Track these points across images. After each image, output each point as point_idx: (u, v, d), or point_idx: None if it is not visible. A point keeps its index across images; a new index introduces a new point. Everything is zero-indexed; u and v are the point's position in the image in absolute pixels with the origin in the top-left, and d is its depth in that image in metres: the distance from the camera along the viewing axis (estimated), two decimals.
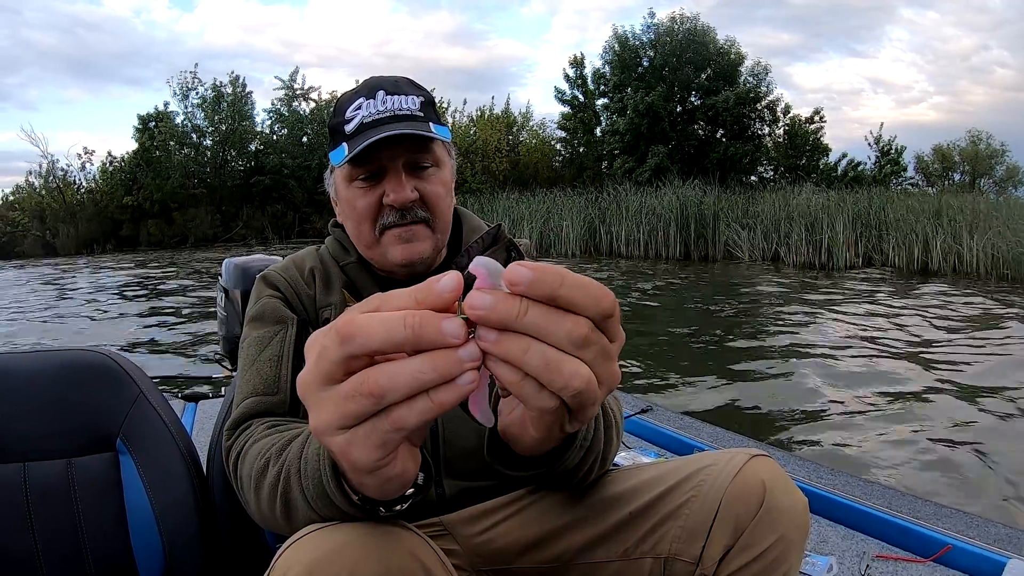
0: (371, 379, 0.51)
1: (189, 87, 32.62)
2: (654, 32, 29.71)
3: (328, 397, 0.54)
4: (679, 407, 4.75)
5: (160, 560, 1.37)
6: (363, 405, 0.52)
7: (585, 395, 0.54)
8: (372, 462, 0.57)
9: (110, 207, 31.76)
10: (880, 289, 11.94)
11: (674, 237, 18.59)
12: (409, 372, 0.50)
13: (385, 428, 0.54)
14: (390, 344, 0.50)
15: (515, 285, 0.52)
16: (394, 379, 0.51)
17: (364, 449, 0.56)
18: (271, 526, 0.95)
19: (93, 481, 1.35)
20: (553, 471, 0.88)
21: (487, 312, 0.51)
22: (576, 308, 0.53)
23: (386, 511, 0.78)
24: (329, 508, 0.80)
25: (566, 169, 32.11)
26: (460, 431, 1.20)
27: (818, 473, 2.44)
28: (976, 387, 5.52)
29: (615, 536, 1.09)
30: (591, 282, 0.54)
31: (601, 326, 0.55)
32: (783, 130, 29.66)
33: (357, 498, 0.75)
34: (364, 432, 0.54)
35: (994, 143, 32.12)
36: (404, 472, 0.62)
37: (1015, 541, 1.95)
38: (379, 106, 1.23)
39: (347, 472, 0.65)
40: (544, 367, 0.52)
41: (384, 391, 0.51)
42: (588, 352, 0.54)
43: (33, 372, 1.38)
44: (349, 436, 0.55)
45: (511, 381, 0.54)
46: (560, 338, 0.52)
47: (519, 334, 0.52)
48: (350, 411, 0.53)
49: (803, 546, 1.07)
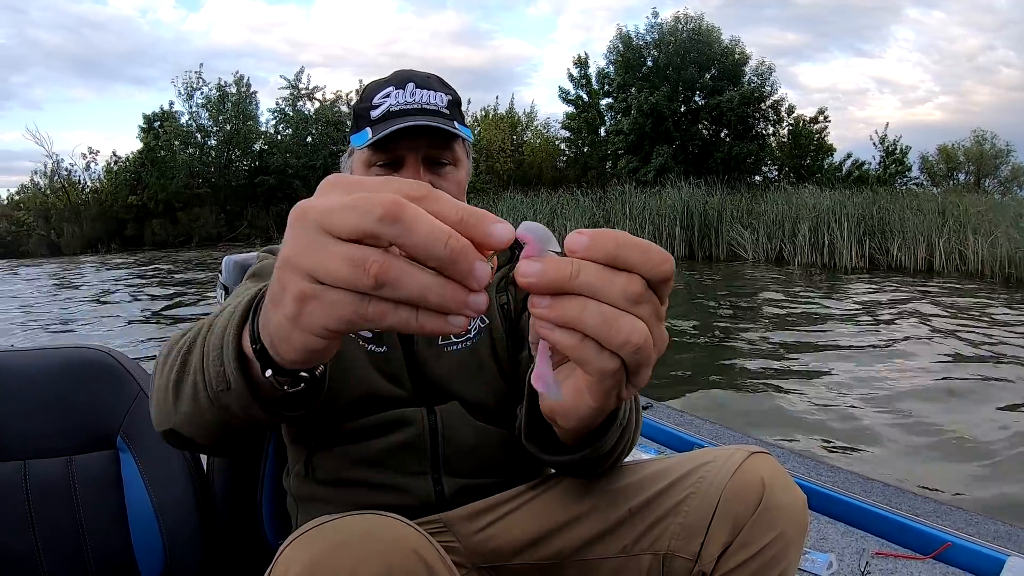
0: (385, 265, 0.47)
1: (194, 87, 32.73)
2: (658, 32, 29.68)
3: (328, 242, 0.49)
4: (679, 404, 4.75)
5: (160, 558, 1.38)
6: (358, 279, 0.48)
7: (643, 353, 0.54)
8: (320, 328, 0.52)
9: (115, 207, 31.84)
10: (883, 289, 11.91)
11: (678, 237, 18.55)
12: (421, 283, 0.48)
13: (358, 311, 0.49)
14: (422, 252, 0.47)
15: (573, 252, 0.52)
16: (404, 280, 0.48)
17: (323, 312, 0.51)
18: (157, 403, 0.86)
19: (93, 479, 1.36)
20: (592, 454, 0.88)
21: (537, 279, 0.51)
22: (634, 268, 0.53)
23: (274, 382, 0.68)
24: (216, 365, 0.72)
25: (570, 169, 32.09)
26: (459, 429, 1.20)
27: (818, 470, 2.44)
28: (977, 388, 5.51)
29: (614, 533, 1.09)
30: (651, 244, 0.54)
31: (655, 289, 0.54)
32: (787, 130, 29.59)
33: (256, 347, 0.66)
34: (336, 299, 0.49)
35: (999, 143, 32.08)
36: (325, 354, 0.58)
37: (1014, 538, 1.95)
38: (407, 97, 1.24)
39: (278, 317, 0.56)
40: (603, 325, 0.52)
41: (388, 284, 0.47)
42: (643, 309, 0.53)
43: (33, 370, 1.39)
44: (317, 290, 0.50)
45: (570, 345, 0.53)
46: (615, 295, 0.52)
47: (573, 296, 0.52)
48: (340, 273, 0.48)
49: (802, 543, 1.07)
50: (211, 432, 0.82)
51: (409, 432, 1.18)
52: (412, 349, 1.23)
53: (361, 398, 1.18)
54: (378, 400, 1.19)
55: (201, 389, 0.76)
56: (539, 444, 0.92)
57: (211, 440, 0.85)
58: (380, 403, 1.19)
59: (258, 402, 0.72)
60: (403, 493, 1.17)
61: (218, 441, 0.86)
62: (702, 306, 10.68)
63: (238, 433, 0.84)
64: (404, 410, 1.19)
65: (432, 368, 1.23)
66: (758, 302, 10.79)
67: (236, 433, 0.83)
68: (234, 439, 0.86)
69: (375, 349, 1.21)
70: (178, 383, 0.80)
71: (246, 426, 0.81)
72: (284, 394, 0.70)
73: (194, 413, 0.79)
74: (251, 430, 0.85)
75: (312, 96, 34.43)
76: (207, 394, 0.75)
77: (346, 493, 1.18)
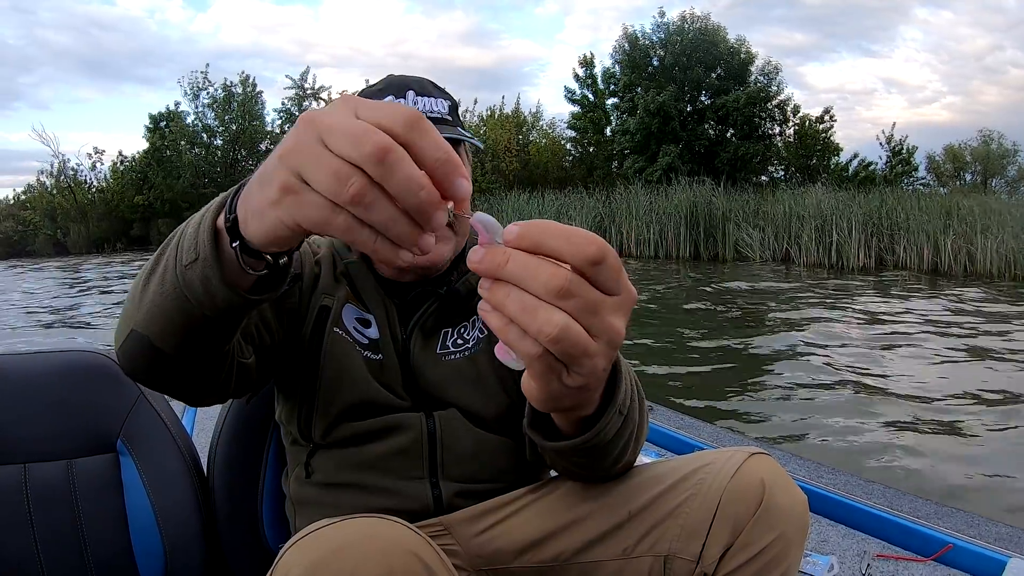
0: (363, 189, 0.53)
1: (200, 87, 32.82)
2: (664, 31, 29.70)
3: (322, 152, 0.54)
4: (679, 407, 4.75)
5: (161, 561, 1.37)
6: (337, 191, 0.53)
7: (563, 344, 0.57)
8: (291, 220, 0.58)
9: (121, 206, 31.98)
10: (889, 290, 11.89)
11: (684, 237, 18.54)
12: (388, 215, 0.54)
13: (328, 218, 0.55)
14: (396, 193, 0.53)
15: (507, 241, 0.57)
16: (375, 208, 0.53)
17: (298, 207, 0.56)
18: (124, 309, 0.88)
19: (93, 482, 1.35)
20: (592, 439, 0.88)
21: (478, 264, 0.57)
22: (559, 255, 0.56)
23: (240, 258, 0.72)
24: (191, 239, 0.76)
25: (576, 169, 32.10)
26: (457, 435, 1.20)
27: (819, 472, 2.44)
28: (979, 387, 5.50)
29: (615, 535, 1.09)
30: (575, 231, 0.57)
31: (589, 275, 0.57)
32: (793, 130, 29.56)
33: (230, 217, 0.71)
34: (313, 200, 0.55)
35: (1006, 143, 31.98)
36: (286, 244, 0.65)
37: (1016, 540, 1.95)
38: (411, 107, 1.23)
39: (260, 196, 0.61)
40: (521, 312, 0.56)
41: (361, 205, 0.53)
42: (568, 302, 0.56)
43: (33, 373, 1.38)
44: (300, 187, 0.56)
45: (496, 326, 0.58)
46: (537, 286, 0.56)
47: (504, 283, 0.57)
48: (324, 182, 0.54)
49: (803, 544, 1.07)
50: (170, 325, 0.82)
51: (407, 437, 1.18)
52: (408, 358, 1.22)
53: (358, 404, 1.18)
54: (375, 406, 1.18)
55: (170, 268, 0.79)
56: (542, 431, 0.93)
57: (169, 338, 0.84)
58: (377, 409, 1.19)
59: (220, 274, 0.75)
60: (401, 497, 1.16)
61: (178, 343, 0.84)
62: (705, 307, 10.66)
63: (197, 332, 0.83)
64: (402, 415, 1.19)
65: (428, 376, 1.22)
66: (763, 303, 10.78)
67: (195, 331, 0.82)
68: (192, 342, 0.84)
69: (372, 356, 1.21)
70: (150, 274, 0.83)
71: (204, 322, 0.80)
72: (245, 275, 0.75)
73: (157, 300, 0.81)
74: (209, 331, 0.83)
75: (318, 96, 34.49)
76: (175, 272, 0.78)
77: (344, 496, 1.17)
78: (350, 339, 1.21)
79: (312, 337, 1.20)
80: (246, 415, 1.46)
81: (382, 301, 1.24)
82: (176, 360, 0.87)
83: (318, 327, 1.20)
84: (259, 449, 1.46)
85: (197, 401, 1.03)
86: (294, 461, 1.26)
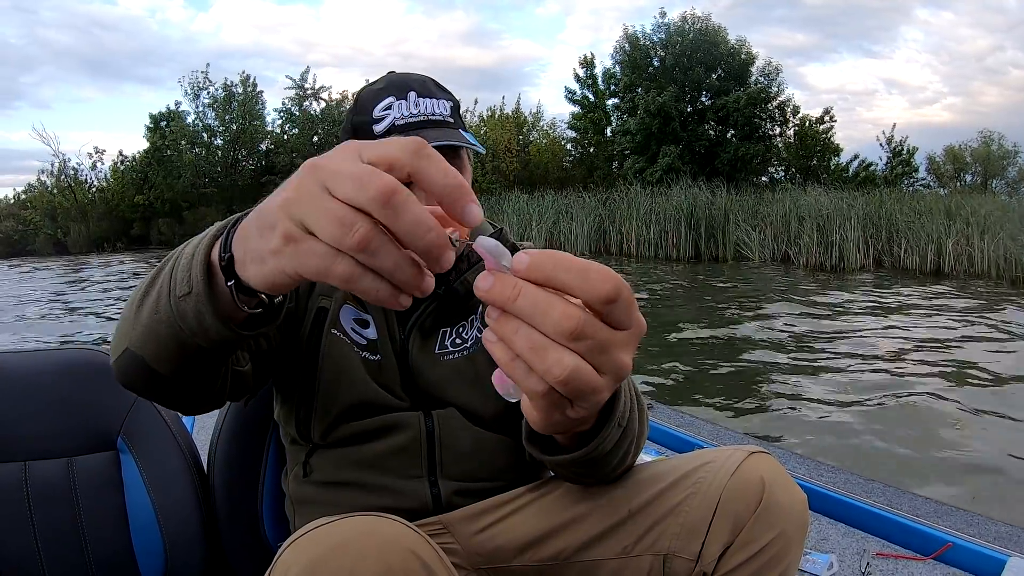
0: (369, 234, 0.51)
1: (200, 87, 32.80)
2: (665, 32, 29.69)
3: (326, 199, 0.53)
4: (679, 405, 4.75)
5: (161, 559, 1.38)
6: (341, 238, 0.52)
7: (571, 386, 0.55)
8: (291, 269, 0.56)
9: (121, 206, 31.99)
10: (889, 290, 11.88)
11: (684, 237, 18.52)
12: (395, 260, 0.53)
13: (330, 266, 0.53)
14: (403, 237, 0.52)
15: (516, 271, 0.54)
16: (382, 253, 0.52)
17: (298, 257, 0.55)
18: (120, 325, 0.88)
19: (94, 480, 1.36)
20: (591, 452, 0.88)
21: (485, 293, 0.54)
22: (572, 292, 0.54)
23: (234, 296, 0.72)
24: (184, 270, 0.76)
25: (576, 169, 32.08)
26: (456, 434, 1.20)
27: (818, 471, 2.44)
28: (980, 388, 5.50)
29: (614, 534, 1.09)
30: (591, 265, 0.54)
31: (602, 312, 0.55)
32: (793, 130, 29.54)
33: (225, 256, 0.70)
34: (315, 249, 0.54)
35: (1007, 144, 31.96)
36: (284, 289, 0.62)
37: (1015, 539, 1.95)
38: (412, 108, 1.20)
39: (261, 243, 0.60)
40: (529, 351, 0.54)
41: (367, 251, 0.52)
42: (580, 344, 0.54)
43: (34, 371, 1.38)
44: (302, 237, 0.54)
45: (502, 359, 0.56)
46: (548, 326, 0.53)
47: (512, 316, 0.55)
48: (328, 229, 0.52)
49: (803, 542, 1.07)
50: (164, 350, 0.82)
51: (406, 436, 1.18)
52: (407, 359, 1.22)
53: (356, 404, 1.18)
54: (374, 406, 1.19)
55: (164, 295, 0.78)
56: (540, 446, 0.93)
57: (163, 362, 0.84)
58: (376, 409, 1.19)
59: (213, 309, 0.74)
60: (400, 496, 1.17)
61: (172, 367, 0.85)
62: (706, 307, 10.66)
63: (190, 358, 0.83)
64: (400, 414, 1.19)
65: (427, 376, 1.22)
66: (762, 303, 10.77)
67: (188, 358, 0.83)
68: (186, 366, 0.85)
69: (370, 357, 1.21)
70: (144, 296, 0.83)
71: (197, 350, 0.81)
72: (239, 312, 0.74)
73: (151, 325, 0.81)
74: (202, 358, 0.83)
75: (318, 96, 34.50)
76: (168, 301, 0.78)
77: (343, 495, 1.18)
78: (348, 340, 1.21)
79: (310, 339, 1.20)
80: (246, 414, 1.46)
81: None
82: (171, 380, 0.88)
83: (316, 328, 1.20)
84: (259, 447, 1.46)
85: (191, 411, 1.03)
86: (293, 460, 1.26)
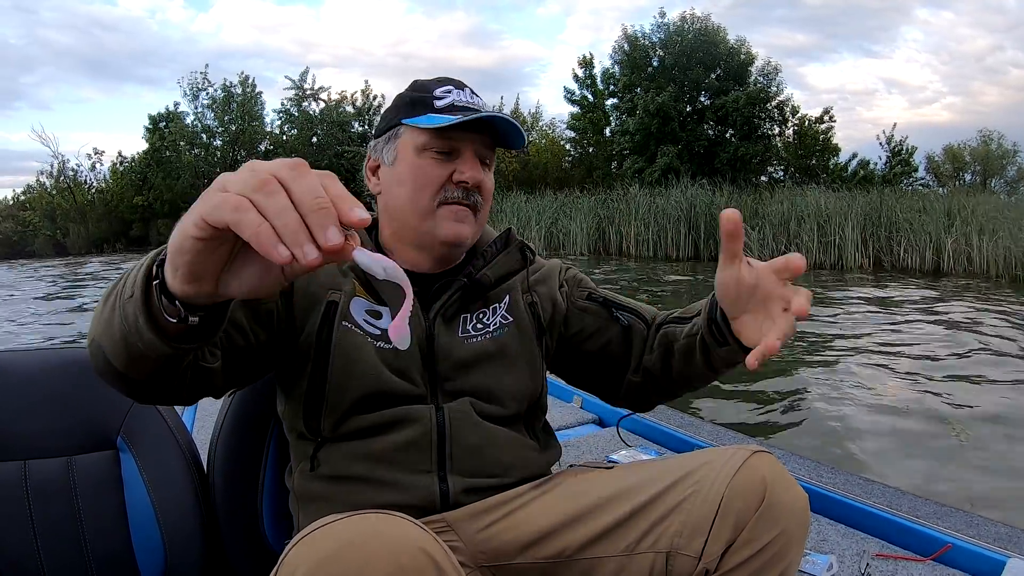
0: (272, 185, 0.61)
1: (199, 87, 32.81)
2: (664, 32, 29.68)
3: (222, 193, 0.63)
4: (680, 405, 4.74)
5: (161, 558, 1.37)
6: (247, 181, 0.62)
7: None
8: (199, 220, 0.63)
9: (120, 207, 32.01)
10: (889, 289, 11.89)
11: (684, 237, 18.53)
12: (284, 205, 0.60)
13: (226, 200, 0.61)
14: (302, 195, 0.61)
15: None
16: (276, 201, 0.61)
17: (205, 205, 0.63)
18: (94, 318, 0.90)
19: (93, 479, 1.36)
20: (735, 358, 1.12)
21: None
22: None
23: (163, 304, 0.76)
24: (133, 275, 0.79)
25: (575, 169, 32.06)
26: (466, 428, 1.20)
27: (818, 471, 2.43)
28: (980, 388, 5.51)
29: (617, 532, 1.10)
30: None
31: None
32: (792, 130, 29.55)
33: (159, 258, 0.75)
34: (223, 196, 0.62)
35: (1006, 143, 31.99)
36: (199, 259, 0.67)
37: (1015, 540, 1.94)
38: (469, 97, 1.26)
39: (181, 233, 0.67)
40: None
41: (266, 194, 0.61)
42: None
43: (33, 370, 1.38)
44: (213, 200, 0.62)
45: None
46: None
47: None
48: (236, 184, 0.63)
49: (804, 541, 1.08)
50: (116, 347, 0.83)
51: (416, 430, 1.17)
52: (432, 343, 1.23)
53: (369, 395, 1.17)
54: (386, 396, 1.18)
55: (118, 295, 0.82)
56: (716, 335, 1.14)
57: (118, 358, 0.85)
58: (388, 399, 1.18)
59: (146, 316, 0.77)
60: (408, 491, 1.16)
61: (125, 364, 0.85)
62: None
63: (138, 359, 0.83)
64: (412, 407, 1.18)
65: (454, 357, 1.23)
66: None
67: (135, 358, 0.83)
68: (136, 364, 0.85)
69: (384, 346, 1.20)
70: (111, 292, 0.85)
71: (142, 353, 0.81)
72: (167, 320, 0.77)
73: (110, 320, 0.83)
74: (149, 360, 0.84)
75: (317, 97, 34.50)
76: (118, 301, 0.81)
77: (350, 490, 1.16)
78: (360, 331, 1.20)
79: (320, 332, 1.19)
80: (246, 412, 1.46)
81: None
82: (127, 376, 0.89)
83: (326, 321, 1.20)
84: (259, 446, 1.46)
85: (154, 403, 1.02)
86: (299, 455, 1.25)
